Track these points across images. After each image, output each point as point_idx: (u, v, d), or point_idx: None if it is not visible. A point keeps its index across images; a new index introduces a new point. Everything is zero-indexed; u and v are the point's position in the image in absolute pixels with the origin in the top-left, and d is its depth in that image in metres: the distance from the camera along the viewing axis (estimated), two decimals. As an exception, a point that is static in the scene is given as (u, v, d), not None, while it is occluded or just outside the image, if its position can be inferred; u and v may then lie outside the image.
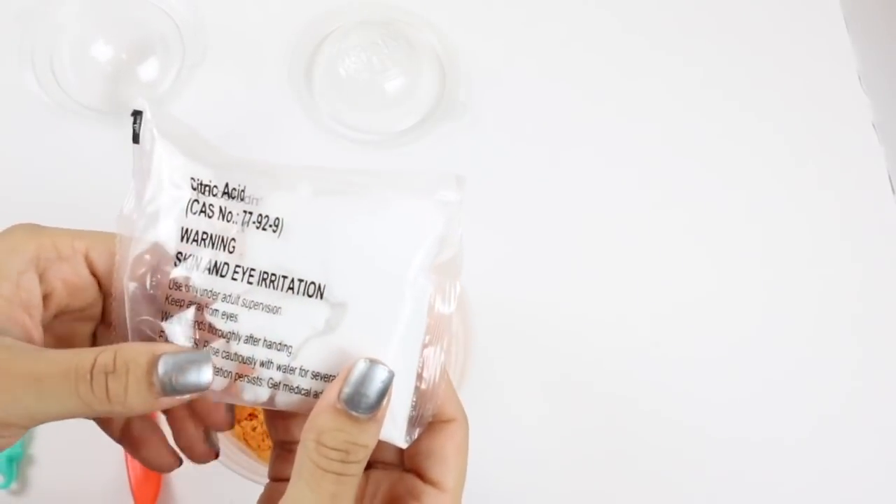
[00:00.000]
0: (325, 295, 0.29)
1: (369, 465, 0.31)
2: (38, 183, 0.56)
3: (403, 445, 0.30)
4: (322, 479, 0.27)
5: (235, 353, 0.29)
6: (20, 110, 0.57)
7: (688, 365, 0.55)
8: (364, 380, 0.28)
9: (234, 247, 0.29)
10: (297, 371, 0.29)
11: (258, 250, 0.29)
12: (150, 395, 0.26)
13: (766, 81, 0.62)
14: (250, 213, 0.29)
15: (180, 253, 0.29)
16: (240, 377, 0.29)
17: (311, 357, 0.29)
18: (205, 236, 0.29)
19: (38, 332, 0.29)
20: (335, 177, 0.30)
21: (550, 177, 0.59)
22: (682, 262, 0.58)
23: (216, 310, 0.29)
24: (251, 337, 0.29)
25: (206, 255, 0.29)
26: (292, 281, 0.29)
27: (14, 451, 0.50)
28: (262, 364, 0.29)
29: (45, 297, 0.29)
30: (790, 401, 0.55)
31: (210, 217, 0.29)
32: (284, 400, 0.30)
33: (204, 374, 0.27)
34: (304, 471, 0.27)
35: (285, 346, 0.29)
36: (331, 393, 0.28)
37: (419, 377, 0.30)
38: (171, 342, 0.29)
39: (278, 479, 0.33)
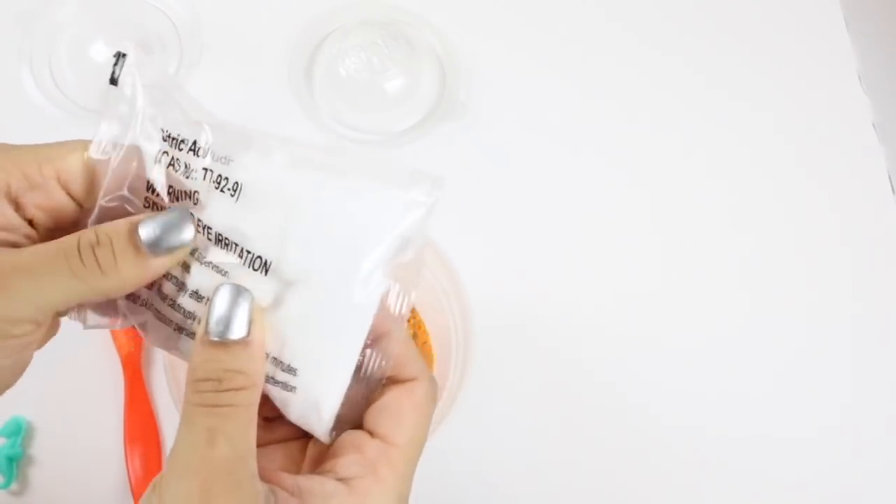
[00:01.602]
0: (271, 271, 0.28)
1: None
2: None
3: (326, 440, 0.29)
4: (195, 415, 0.26)
5: (179, 305, 0.29)
6: (18, 112, 0.57)
7: (687, 362, 0.55)
8: (223, 303, 0.27)
9: (197, 199, 0.28)
10: None
11: (215, 210, 0.28)
12: (139, 256, 0.27)
13: (766, 81, 0.62)
14: (210, 171, 0.28)
15: (147, 199, 0.29)
16: (180, 329, 0.29)
17: None
18: (171, 190, 0.29)
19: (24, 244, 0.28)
20: (314, 153, 0.29)
21: (550, 176, 0.59)
22: (681, 262, 0.58)
23: None
24: (196, 293, 0.28)
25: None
26: (242, 250, 0.28)
27: (14, 451, 0.50)
28: (199, 322, 0.28)
29: (30, 224, 0.29)
30: (789, 399, 0.55)
31: (177, 171, 0.28)
32: None
33: (186, 229, 0.27)
34: (183, 411, 0.26)
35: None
36: (199, 328, 0.27)
37: (357, 375, 0.29)
38: None
39: None
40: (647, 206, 0.59)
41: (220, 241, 0.28)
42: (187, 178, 0.28)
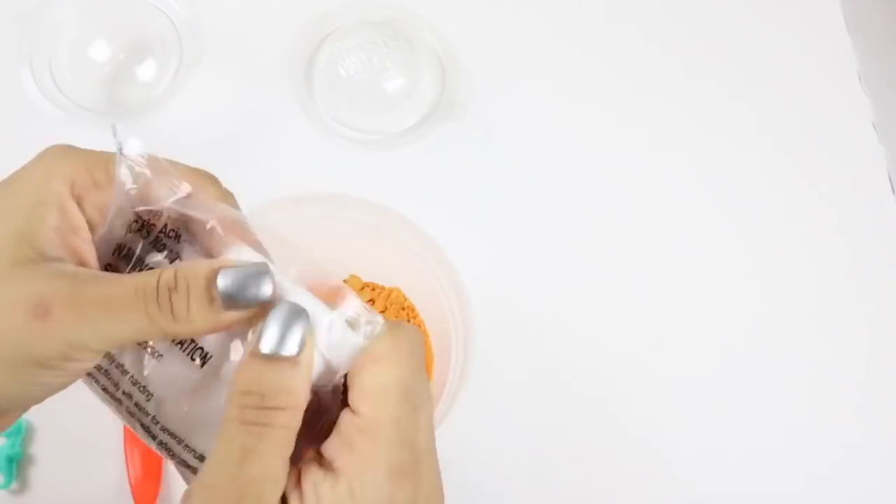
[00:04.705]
0: (207, 363, 0.28)
1: None
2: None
3: None
4: (232, 431, 0.25)
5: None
6: (18, 112, 0.57)
7: (687, 365, 0.55)
8: (279, 320, 0.26)
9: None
10: (151, 417, 0.29)
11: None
12: (212, 310, 0.26)
13: (766, 81, 0.62)
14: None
15: (109, 265, 0.29)
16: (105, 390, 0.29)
17: (169, 413, 0.28)
18: (139, 259, 0.28)
19: (92, 257, 0.28)
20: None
21: (550, 177, 0.59)
22: (682, 263, 0.58)
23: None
24: (122, 366, 0.29)
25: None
26: (196, 349, 0.28)
27: (14, 451, 0.50)
28: (124, 393, 0.29)
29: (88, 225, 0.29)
30: (787, 398, 0.55)
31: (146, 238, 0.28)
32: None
33: (264, 286, 0.26)
34: (222, 426, 0.26)
35: (148, 391, 0.28)
36: (251, 341, 0.26)
37: None
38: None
39: None
40: (648, 206, 0.59)
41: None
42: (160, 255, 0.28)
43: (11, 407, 0.27)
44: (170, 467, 0.51)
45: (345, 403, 0.27)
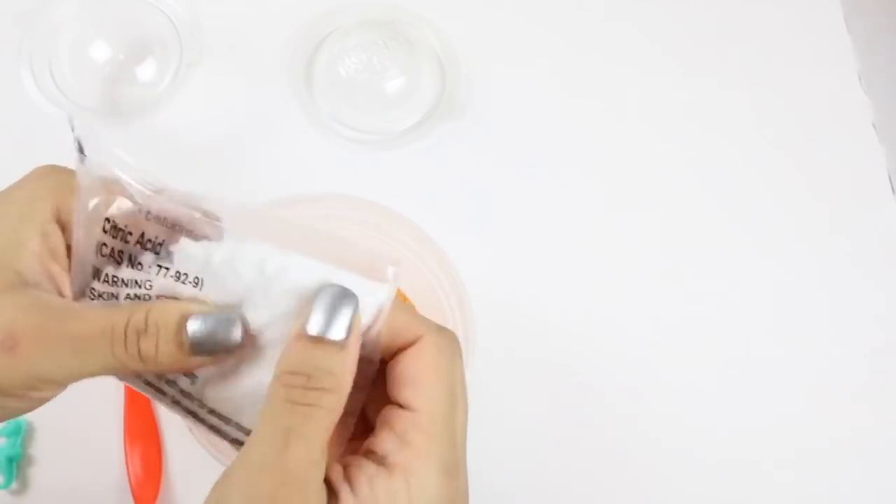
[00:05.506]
0: None
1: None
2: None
3: None
4: (277, 411, 0.25)
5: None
6: (18, 112, 0.57)
7: (688, 364, 0.55)
8: (327, 302, 0.26)
9: (150, 286, 0.28)
10: (196, 400, 0.29)
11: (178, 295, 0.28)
12: (181, 353, 0.27)
13: (765, 81, 0.62)
14: (167, 268, 0.28)
15: (93, 289, 0.28)
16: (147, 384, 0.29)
17: (213, 395, 0.28)
18: (115, 279, 0.28)
19: (67, 283, 0.29)
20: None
21: (551, 176, 0.59)
22: (682, 263, 0.58)
23: None
24: None
25: (121, 293, 0.28)
26: None
27: (14, 451, 0.50)
28: (167, 382, 0.29)
29: (68, 250, 0.29)
30: (786, 397, 0.55)
31: (119, 263, 0.28)
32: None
33: (234, 334, 0.27)
34: (265, 406, 0.26)
35: (193, 374, 0.28)
36: (297, 323, 0.27)
37: None
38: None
39: None
40: (648, 206, 0.59)
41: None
42: (140, 269, 0.28)
43: None
44: (170, 467, 0.51)
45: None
